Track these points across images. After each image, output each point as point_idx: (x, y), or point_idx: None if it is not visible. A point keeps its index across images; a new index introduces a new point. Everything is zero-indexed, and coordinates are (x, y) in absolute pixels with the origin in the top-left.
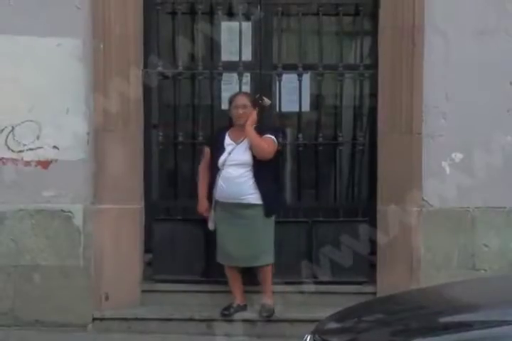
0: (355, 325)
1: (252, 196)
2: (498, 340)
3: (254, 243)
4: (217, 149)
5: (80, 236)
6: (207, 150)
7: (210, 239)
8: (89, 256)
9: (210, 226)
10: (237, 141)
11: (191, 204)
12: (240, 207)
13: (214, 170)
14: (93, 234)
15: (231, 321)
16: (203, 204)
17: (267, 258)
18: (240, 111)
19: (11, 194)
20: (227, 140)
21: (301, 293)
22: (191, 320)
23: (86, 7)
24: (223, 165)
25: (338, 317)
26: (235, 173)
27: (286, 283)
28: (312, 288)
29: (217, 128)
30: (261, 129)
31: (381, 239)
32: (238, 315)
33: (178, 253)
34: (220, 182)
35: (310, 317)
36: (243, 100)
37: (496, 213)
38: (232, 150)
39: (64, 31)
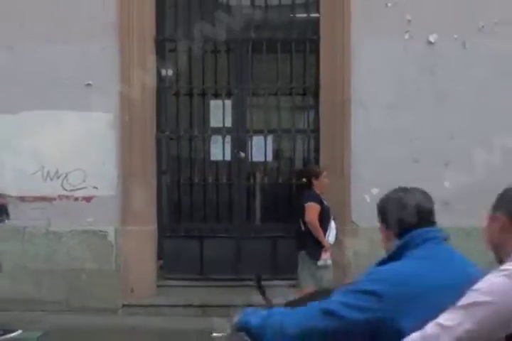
0: None
1: None
2: None
3: None
4: (324, 208)
5: (113, 249)
6: (319, 208)
7: (204, 249)
8: (119, 262)
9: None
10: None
11: (191, 225)
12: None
13: (325, 222)
14: (122, 247)
15: (221, 306)
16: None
17: None
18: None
19: (65, 220)
20: (324, 201)
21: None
22: (191, 306)
23: (115, 91)
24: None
25: (293, 304)
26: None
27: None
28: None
29: (313, 193)
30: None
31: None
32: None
33: (181, 259)
34: (334, 231)
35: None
36: None
37: None
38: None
39: (100, 108)
